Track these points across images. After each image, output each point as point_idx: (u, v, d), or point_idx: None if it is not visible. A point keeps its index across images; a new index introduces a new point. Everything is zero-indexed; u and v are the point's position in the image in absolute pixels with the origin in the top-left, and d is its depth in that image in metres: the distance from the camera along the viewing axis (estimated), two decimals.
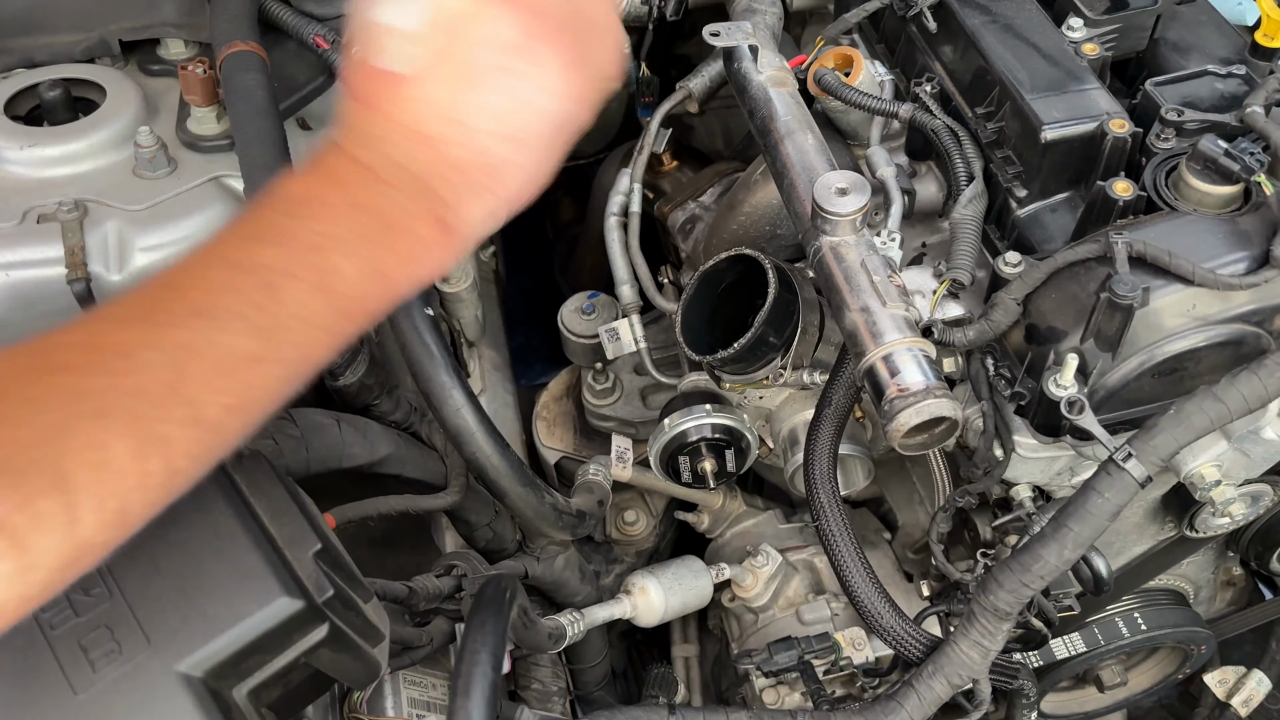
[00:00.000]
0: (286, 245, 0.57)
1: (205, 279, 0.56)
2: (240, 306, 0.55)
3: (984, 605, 0.87)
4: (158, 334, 0.54)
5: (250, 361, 0.55)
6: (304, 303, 0.56)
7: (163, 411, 0.53)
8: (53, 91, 0.94)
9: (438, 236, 0.60)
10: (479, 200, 0.60)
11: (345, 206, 0.57)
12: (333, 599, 0.71)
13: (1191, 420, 0.81)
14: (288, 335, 0.57)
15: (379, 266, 0.58)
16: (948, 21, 1.04)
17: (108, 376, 0.52)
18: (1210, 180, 0.86)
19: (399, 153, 0.58)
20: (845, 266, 0.88)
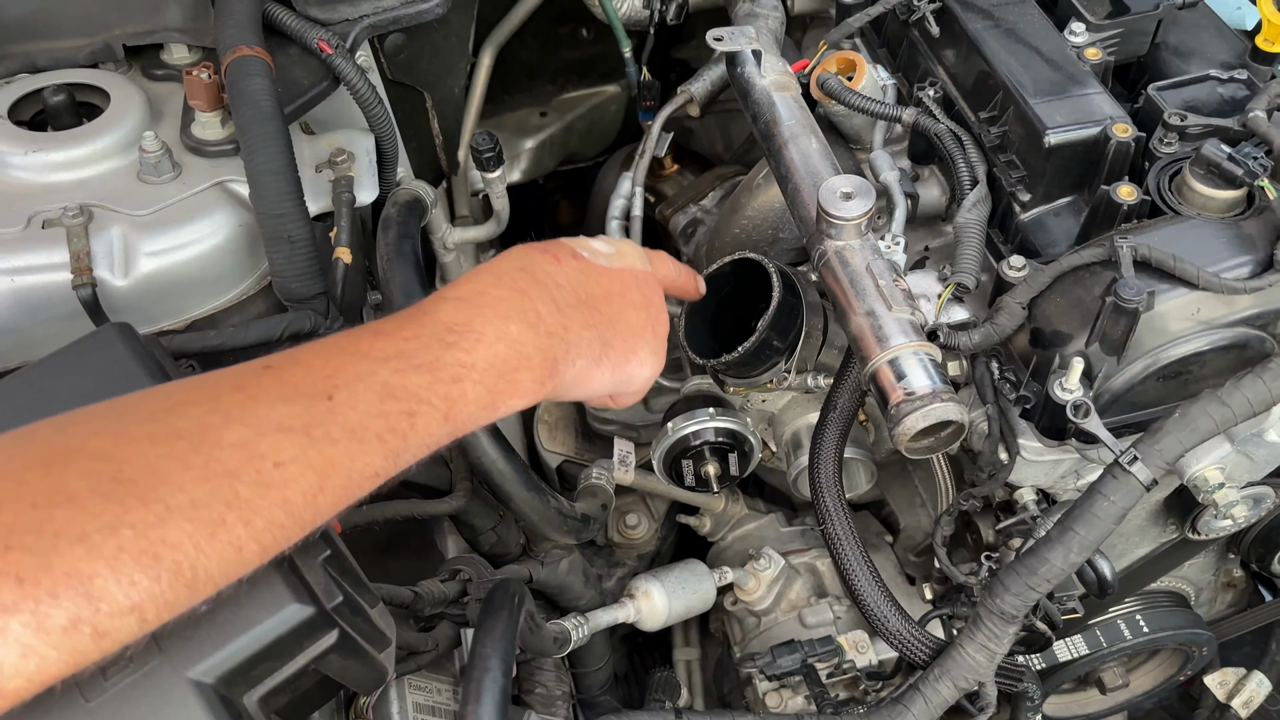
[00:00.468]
0: (432, 374, 0.62)
1: (360, 397, 0.60)
2: (383, 432, 0.60)
3: (990, 608, 0.87)
4: (314, 450, 0.57)
5: (371, 478, 0.60)
6: (431, 430, 0.62)
7: (295, 519, 0.58)
8: (57, 96, 0.94)
9: (541, 379, 0.67)
10: (585, 360, 0.71)
11: (493, 340, 0.64)
12: (341, 605, 0.71)
13: (1196, 423, 0.81)
14: (408, 457, 0.62)
15: (490, 400, 0.64)
16: (950, 26, 1.05)
17: (261, 486, 0.56)
18: (1214, 184, 0.86)
19: (562, 297, 0.70)
20: (850, 271, 0.88)
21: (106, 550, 0.51)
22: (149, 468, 0.54)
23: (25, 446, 0.54)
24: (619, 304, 0.75)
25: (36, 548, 0.50)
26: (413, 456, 0.62)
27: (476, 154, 1.14)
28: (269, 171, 0.86)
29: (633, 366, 0.76)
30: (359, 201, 0.97)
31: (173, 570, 0.53)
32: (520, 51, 1.60)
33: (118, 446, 0.55)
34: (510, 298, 0.67)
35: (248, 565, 0.57)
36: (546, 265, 0.72)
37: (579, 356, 0.70)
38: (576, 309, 0.71)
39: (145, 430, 0.55)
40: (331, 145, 1.00)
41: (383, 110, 1.01)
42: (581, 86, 1.73)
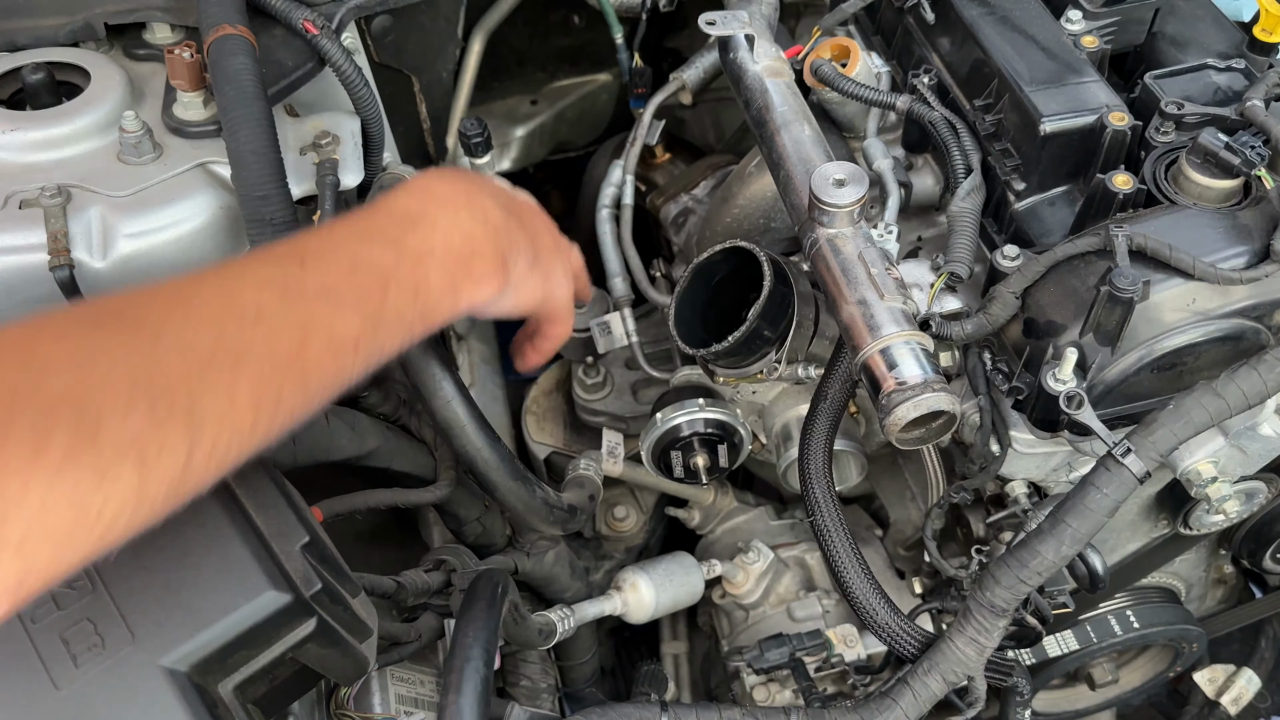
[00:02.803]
0: (396, 252, 0.68)
1: (331, 264, 0.65)
2: (355, 296, 0.64)
3: (980, 602, 0.86)
4: (289, 304, 0.61)
5: (352, 346, 0.64)
6: (402, 303, 0.67)
7: (282, 374, 0.59)
8: (36, 75, 0.92)
9: (496, 271, 0.74)
10: (524, 260, 0.78)
11: (448, 228, 0.71)
12: (320, 593, 0.70)
13: (1191, 416, 0.80)
14: (383, 328, 0.66)
15: (455, 283, 0.71)
16: (945, 13, 1.03)
17: (244, 330, 0.58)
18: (1210, 174, 0.85)
19: (493, 204, 0.76)
20: (842, 259, 0.87)
21: (98, 373, 0.52)
22: (136, 314, 0.56)
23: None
24: (537, 223, 0.83)
25: (28, 369, 0.51)
26: (389, 334, 0.66)
27: (465, 139, 1.12)
28: (251, 152, 0.84)
29: (553, 282, 0.83)
30: (343, 185, 0.96)
31: (167, 404, 0.53)
32: (511, 38, 1.58)
33: (102, 302, 0.58)
34: (456, 196, 0.74)
35: (241, 420, 0.57)
36: (476, 178, 0.79)
37: (519, 256, 0.77)
38: (510, 215, 0.78)
39: (124, 295, 0.58)
40: (316, 128, 0.99)
41: (369, 93, 1.00)
42: (572, 74, 1.71)
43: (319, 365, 0.62)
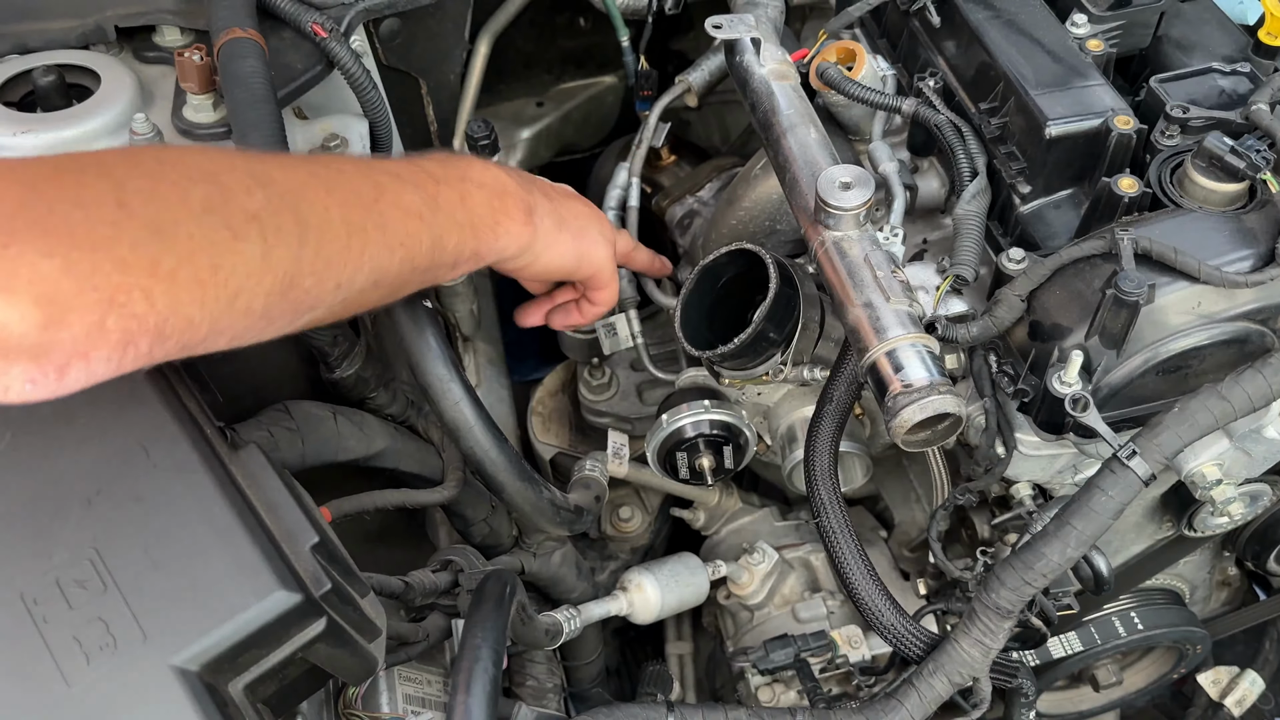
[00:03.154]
0: (443, 168, 0.80)
1: (391, 163, 0.79)
2: (414, 181, 0.76)
3: (986, 603, 0.86)
4: (363, 170, 0.73)
5: (416, 219, 0.74)
6: (452, 203, 0.79)
7: (364, 213, 0.70)
8: (47, 77, 0.92)
9: (524, 216, 0.85)
10: (549, 220, 0.88)
11: (480, 168, 0.84)
12: (330, 593, 0.70)
13: (1196, 418, 0.80)
14: (438, 216, 0.76)
15: (491, 207, 0.82)
16: (951, 16, 1.04)
17: (330, 174, 0.70)
18: (1215, 177, 0.86)
19: (515, 173, 0.88)
20: (848, 261, 0.87)
21: (223, 162, 0.65)
22: (245, 150, 0.79)
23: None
24: (564, 195, 0.95)
25: (168, 150, 0.69)
26: (445, 225, 0.77)
27: (472, 142, 1.13)
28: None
29: (588, 243, 0.93)
30: None
31: (279, 196, 0.64)
32: (517, 40, 1.58)
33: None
34: (480, 160, 0.86)
35: (337, 235, 0.67)
36: (499, 164, 0.90)
37: (544, 215, 0.87)
38: (535, 184, 0.89)
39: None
40: (325, 130, 0.99)
41: (377, 95, 1.00)
42: (578, 77, 1.71)
43: (393, 219, 0.72)
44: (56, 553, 0.67)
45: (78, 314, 0.53)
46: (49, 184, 0.54)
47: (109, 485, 0.69)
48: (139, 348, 0.56)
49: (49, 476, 0.70)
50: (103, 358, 0.55)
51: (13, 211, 0.52)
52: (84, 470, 0.70)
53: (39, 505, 0.69)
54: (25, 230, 0.52)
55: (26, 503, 0.69)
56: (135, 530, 0.68)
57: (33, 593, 0.66)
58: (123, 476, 0.70)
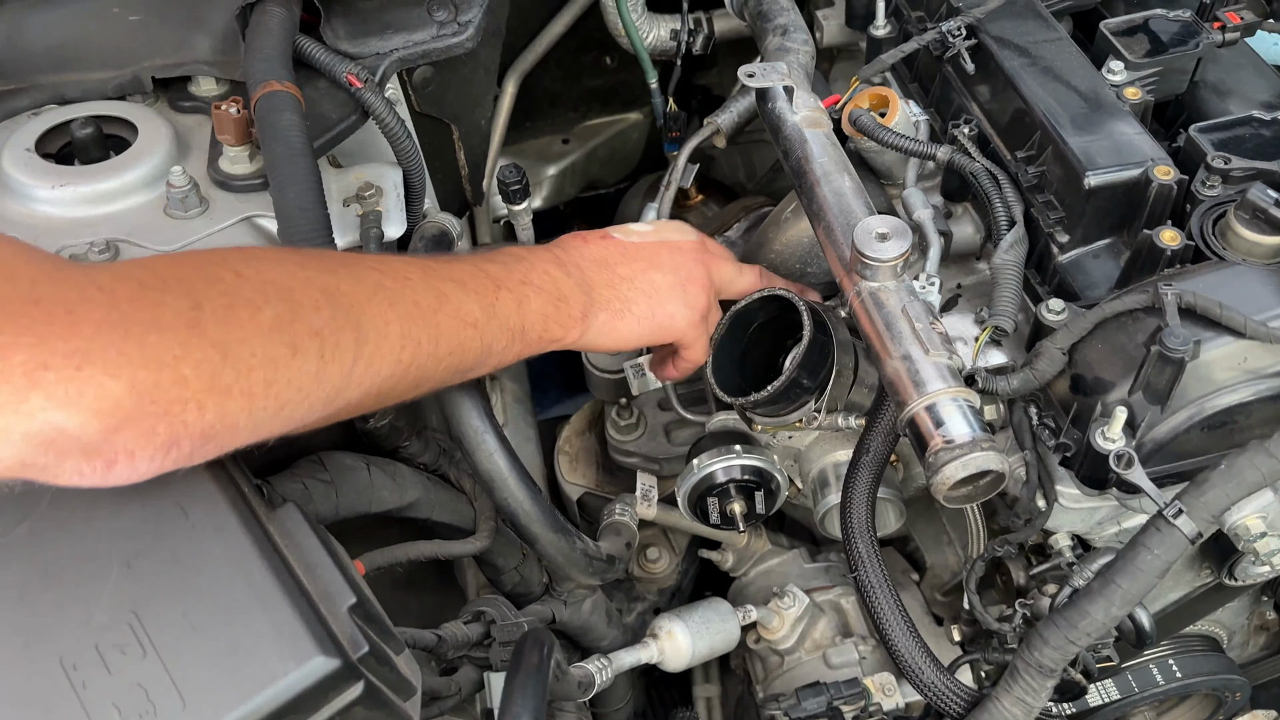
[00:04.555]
0: (506, 271, 0.83)
1: (457, 266, 0.80)
2: (476, 288, 0.79)
3: (1028, 661, 0.85)
4: (429, 278, 0.76)
5: (470, 328, 0.77)
6: (508, 309, 0.81)
7: (422, 324, 0.73)
8: (85, 130, 0.93)
9: (577, 318, 0.87)
10: (608, 317, 0.90)
11: (541, 271, 0.85)
12: (367, 655, 0.70)
13: (1243, 475, 0.79)
14: (494, 322, 0.79)
15: (544, 314, 0.84)
16: (985, 63, 1.03)
17: (398, 283, 0.73)
18: (1259, 230, 0.85)
19: (584, 262, 0.90)
20: (886, 313, 0.86)
21: (299, 277, 0.68)
22: (321, 254, 0.78)
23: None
24: (642, 269, 0.93)
25: (249, 262, 0.67)
26: (498, 332, 0.80)
27: (504, 187, 1.13)
28: (299, 209, 0.85)
29: (662, 318, 0.93)
30: (386, 236, 0.96)
31: (345, 312, 0.67)
32: (544, 79, 1.59)
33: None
34: (549, 257, 0.88)
35: (391, 347, 0.70)
36: (575, 244, 0.92)
37: (601, 310, 0.89)
38: (598, 272, 0.90)
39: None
40: (359, 179, 0.99)
41: (411, 145, 1.00)
42: (604, 114, 1.72)
43: (448, 329, 0.75)
44: (95, 616, 0.67)
45: (132, 424, 0.57)
46: (131, 305, 0.58)
47: (148, 547, 0.69)
48: (181, 449, 0.60)
49: (87, 538, 0.69)
50: (147, 457, 0.59)
51: (92, 333, 0.56)
52: (122, 532, 0.70)
53: (78, 567, 0.68)
54: (100, 353, 0.55)
55: (65, 565, 0.69)
56: (174, 593, 0.67)
57: (72, 658, 0.65)
58: (161, 538, 0.69)
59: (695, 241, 0.98)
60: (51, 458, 0.57)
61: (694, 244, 0.98)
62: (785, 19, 1.19)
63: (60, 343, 0.55)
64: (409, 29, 1.04)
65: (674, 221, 1.02)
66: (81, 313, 0.56)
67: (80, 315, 0.56)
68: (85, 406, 0.55)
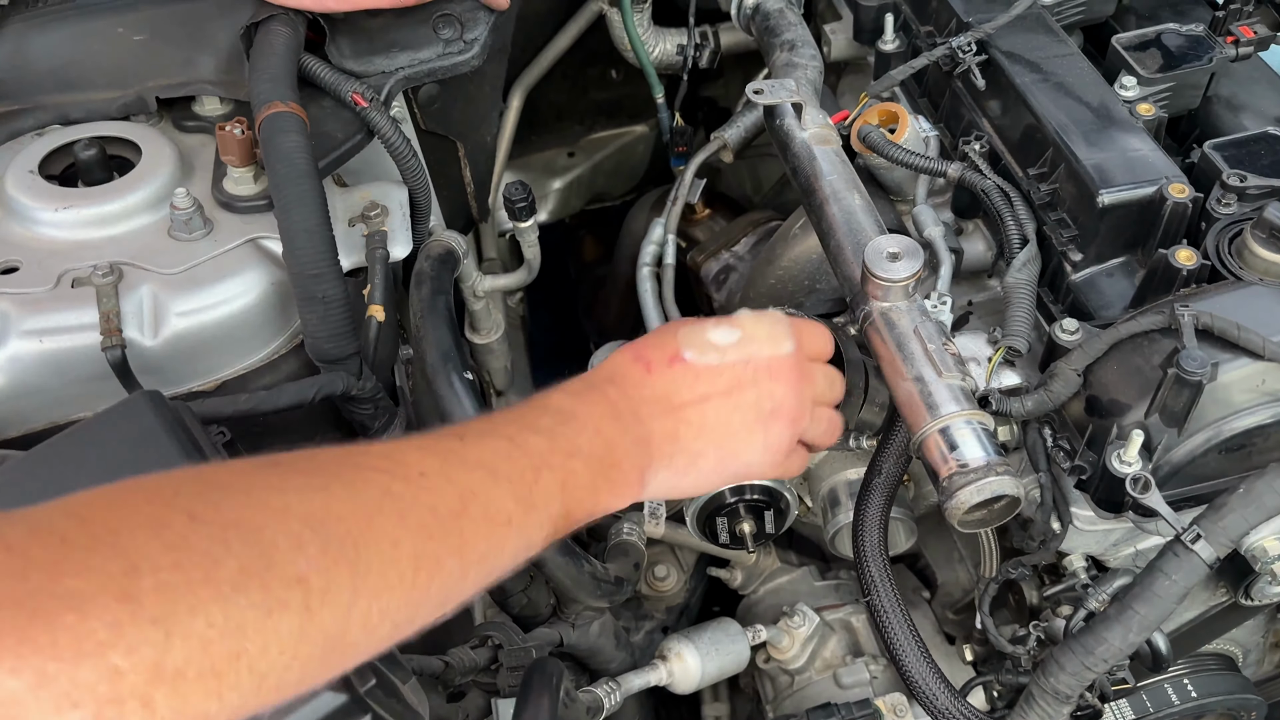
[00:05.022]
0: (550, 442, 0.68)
1: (489, 442, 0.66)
2: (511, 474, 0.64)
3: (1044, 687, 0.84)
4: (450, 470, 0.61)
5: (504, 524, 0.63)
6: (550, 491, 0.67)
7: (441, 536, 0.58)
8: (88, 151, 0.92)
9: (632, 485, 0.73)
10: (670, 475, 0.75)
11: (593, 432, 0.70)
12: (374, 688, 0.69)
13: (1263, 500, 0.78)
14: (532, 513, 0.65)
15: (593, 488, 0.70)
16: (996, 78, 1.02)
17: (409, 486, 0.58)
18: (1277, 249, 0.84)
19: (643, 407, 0.74)
20: (897, 333, 0.85)
21: (272, 505, 0.52)
22: (307, 463, 0.57)
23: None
24: (717, 407, 0.76)
25: (204, 496, 0.52)
26: (537, 522, 0.66)
27: (509, 204, 1.12)
28: (304, 231, 0.84)
29: (736, 468, 0.78)
30: (392, 256, 0.96)
31: (338, 544, 0.53)
32: (549, 93, 1.59)
33: (271, 456, 0.58)
34: (604, 404, 0.72)
35: (401, 575, 0.56)
36: (636, 375, 0.75)
37: (661, 468, 0.74)
38: (661, 419, 0.74)
39: (292, 452, 0.58)
40: (365, 199, 0.99)
41: (417, 163, 0.99)
42: (609, 127, 1.72)
43: (475, 535, 0.61)
44: None
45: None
46: (45, 573, 0.44)
47: None
48: None
49: None
50: None
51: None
52: None
53: None
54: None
55: None
56: None
57: None
58: None
59: (789, 355, 0.78)
60: None
61: (787, 361, 0.78)
62: (793, 34, 1.18)
63: None
64: (414, 47, 1.03)
65: (766, 317, 0.80)
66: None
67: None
68: None
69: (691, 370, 0.75)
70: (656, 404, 0.74)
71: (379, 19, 1.02)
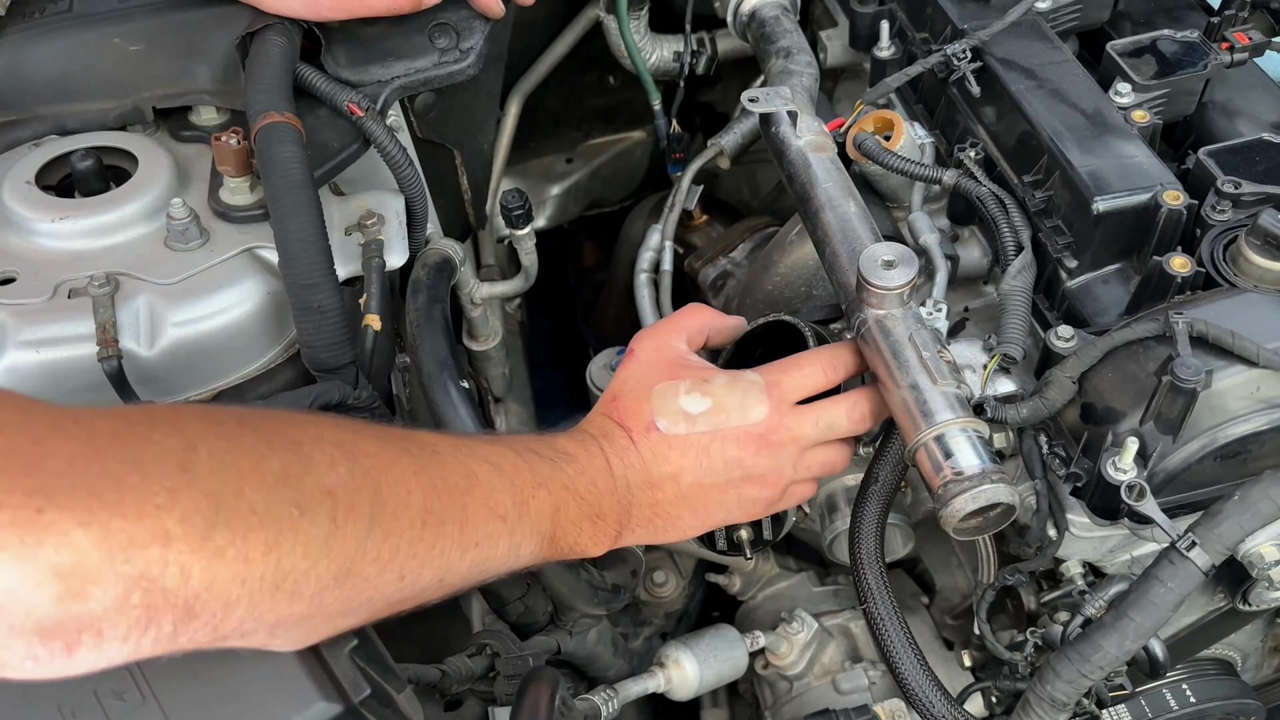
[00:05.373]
0: (552, 470, 0.75)
1: (497, 448, 0.72)
2: (513, 478, 0.71)
3: (1040, 695, 0.84)
4: (460, 454, 0.68)
5: (499, 520, 0.68)
6: (543, 510, 0.73)
7: (447, 504, 0.64)
8: (85, 162, 0.92)
9: (609, 538, 0.80)
10: (645, 536, 0.83)
11: (590, 481, 0.77)
12: (369, 699, 0.69)
13: (1258, 507, 0.78)
14: (523, 522, 0.71)
15: (578, 526, 0.76)
16: (991, 85, 1.02)
17: (424, 453, 0.66)
18: (1271, 256, 0.84)
19: (630, 473, 0.80)
20: (892, 341, 0.85)
21: (312, 430, 0.59)
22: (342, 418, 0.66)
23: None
24: (690, 476, 0.81)
25: (253, 412, 0.60)
26: (526, 534, 0.71)
27: (507, 212, 1.12)
28: (300, 241, 0.84)
29: (713, 522, 0.85)
30: (389, 265, 0.96)
31: (363, 472, 0.59)
32: (546, 100, 1.59)
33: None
34: (600, 460, 0.79)
35: (411, 523, 0.62)
36: (622, 442, 0.81)
37: (639, 528, 0.82)
38: (642, 490, 0.80)
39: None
40: (361, 207, 0.99)
41: (413, 172, 1.00)
42: (607, 133, 1.72)
43: (476, 516, 0.66)
44: None
45: (100, 588, 0.47)
46: (112, 439, 0.49)
47: None
48: (162, 627, 0.50)
49: None
50: (118, 636, 0.49)
51: (59, 470, 0.47)
52: None
53: None
54: (66, 494, 0.46)
55: None
56: None
57: (70, 704, 0.64)
58: None
59: (760, 423, 0.81)
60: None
61: (756, 430, 0.81)
62: (788, 41, 1.18)
63: (20, 477, 0.45)
64: (410, 56, 1.03)
65: (740, 384, 0.83)
66: (50, 444, 0.47)
67: (48, 447, 0.47)
68: (43, 561, 0.45)
69: (665, 441, 0.80)
70: (639, 473, 0.80)
71: (374, 28, 1.03)
